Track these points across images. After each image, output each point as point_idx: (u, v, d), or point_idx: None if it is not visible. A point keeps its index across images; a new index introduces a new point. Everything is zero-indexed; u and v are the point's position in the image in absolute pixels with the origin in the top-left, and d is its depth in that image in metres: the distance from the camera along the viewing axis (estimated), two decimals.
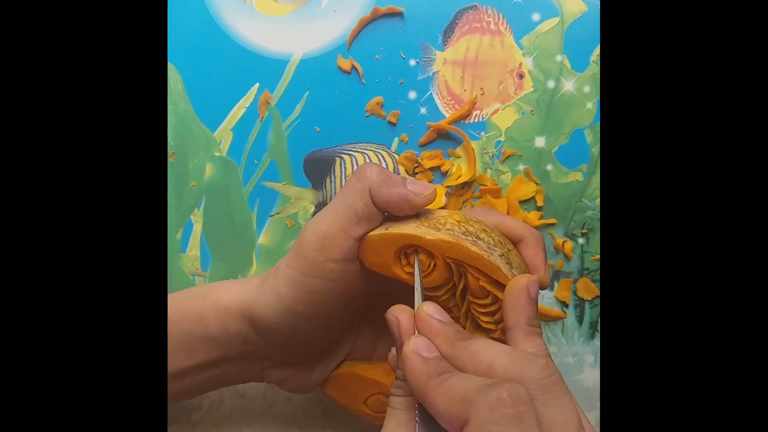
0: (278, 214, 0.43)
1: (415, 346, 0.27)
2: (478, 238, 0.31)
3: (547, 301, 0.43)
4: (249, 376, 0.35)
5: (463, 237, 0.31)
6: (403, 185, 0.31)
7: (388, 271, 0.32)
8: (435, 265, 0.31)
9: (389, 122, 0.42)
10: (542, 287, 0.32)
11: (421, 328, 0.28)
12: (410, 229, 0.31)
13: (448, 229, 0.31)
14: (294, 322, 0.32)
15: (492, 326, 0.31)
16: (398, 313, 0.29)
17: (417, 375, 0.26)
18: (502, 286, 0.30)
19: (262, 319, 0.32)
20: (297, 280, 0.31)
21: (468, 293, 0.32)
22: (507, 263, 0.31)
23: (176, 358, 0.33)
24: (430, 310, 0.28)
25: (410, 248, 0.31)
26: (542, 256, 0.33)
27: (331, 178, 0.43)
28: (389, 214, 0.32)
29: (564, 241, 0.42)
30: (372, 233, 0.31)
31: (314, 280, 0.31)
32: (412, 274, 0.31)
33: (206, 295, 0.34)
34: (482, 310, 0.31)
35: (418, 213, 0.32)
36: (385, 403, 0.30)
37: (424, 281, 0.31)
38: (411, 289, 0.31)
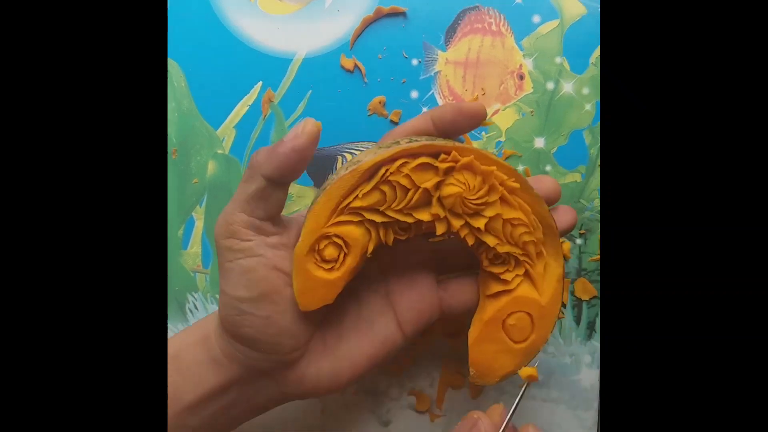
0: None
1: None
2: (352, 164, 0.31)
3: None
4: (268, 393, 0.34)
5: (340, 175, 0.31)
6: (282, 143, 0.31)
7: (300, 270, 0.32)
8: (347, 251, 0.31)
9: (391, 121, 0.43)
10: (482, 116, 0.33)
11: None
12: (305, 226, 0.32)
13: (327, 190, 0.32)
14: (247, 309, 0.32)
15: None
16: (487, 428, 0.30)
17: None
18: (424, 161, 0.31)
19: (225, 324, 0.33)
20: (228, 269, 0.32)
21: (410, 202, 0.31)
22: (395, 143, 0.31)
23: (187, 389, 0.33)
24: None
25: (316, 244, 0.32)
26: (427, 116, 0.33)
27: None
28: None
29: (562, 242, 0.43)
30: (294, 289, 0.32)
31: (240, 261, 0.31)
32: (329, 268, 0.32)
33: (207, 322, 0.35)
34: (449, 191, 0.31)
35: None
36: (524, 318, 0.32)
37: (348, 262, 0.32)
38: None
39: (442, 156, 0.31)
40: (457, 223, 0.31)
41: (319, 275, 0.32)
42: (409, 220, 0.31)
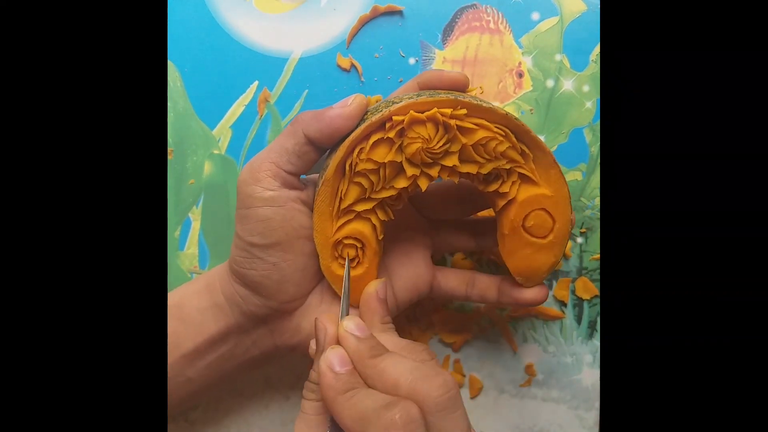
0: None
1: (329, 361, 0.30)
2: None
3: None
4: (262, 345, 0.36)
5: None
6: (330, 109, 0.33)
7: (333, 277, 0.35)
8: (362, 244, 0.34)
9: None
10: (461, 83, 0.35)
11: (341, 343, 0.31)
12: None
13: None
14: (257, 254, 0.34)
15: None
16: (327, 323, 0.32)
17: (326, 390, 0.29)
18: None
19: (233, 265, 0.35)
20: (245, 215, 0.34)
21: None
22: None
23: (187, 337, 0.35)
24: (349, 326, 0.31)
25: (334, 252, 0.34)
26: (439, 73, 0.35)
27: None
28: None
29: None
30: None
31: (258, 209, 0.33)
32: (354, 265, 0.34)
33: (213, 272, 0.37)
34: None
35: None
36: (540, 215, 0.33)
37: (369, 252, 0.34)
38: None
39: (387, 124, 0.32)
40: (434, 172, 0.33)
41: (352, 275, 0.34)
42: (393, 192, 0.33)
